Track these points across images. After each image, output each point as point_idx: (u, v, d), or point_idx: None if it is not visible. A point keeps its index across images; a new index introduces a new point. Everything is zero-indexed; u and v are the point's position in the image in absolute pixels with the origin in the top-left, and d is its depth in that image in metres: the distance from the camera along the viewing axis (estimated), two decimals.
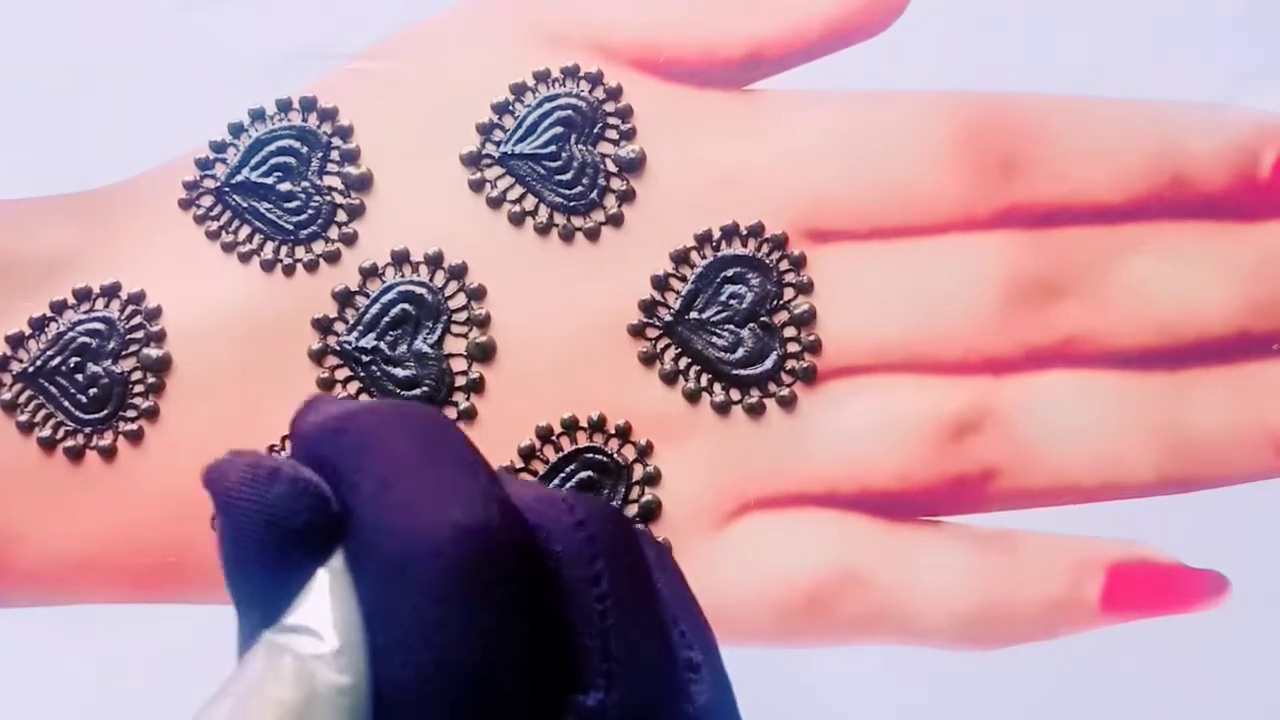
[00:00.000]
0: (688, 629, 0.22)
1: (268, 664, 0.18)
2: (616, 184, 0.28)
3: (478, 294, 0.28)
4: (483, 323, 0.28)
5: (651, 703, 0.20)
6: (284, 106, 0.29)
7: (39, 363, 0.28)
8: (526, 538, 0.19)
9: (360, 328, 0.28)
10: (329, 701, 0.18)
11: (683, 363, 0.28)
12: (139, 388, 0.28)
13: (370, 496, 0.19)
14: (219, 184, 0.28)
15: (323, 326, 0.28)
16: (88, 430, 0.27)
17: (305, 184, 0.28)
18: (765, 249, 0.28)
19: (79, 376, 0.28)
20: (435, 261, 0.28)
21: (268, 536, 0.19)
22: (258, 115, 0.29)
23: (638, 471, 0.28)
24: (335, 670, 0.18)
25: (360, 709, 0.18)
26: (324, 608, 0.19)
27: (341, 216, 0.28)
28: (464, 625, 0.18)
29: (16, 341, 0.28)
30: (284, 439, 0.27)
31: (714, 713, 0.21)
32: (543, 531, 0.20)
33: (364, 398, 0.27)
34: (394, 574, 0.18)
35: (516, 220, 0.28)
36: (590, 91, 0.29)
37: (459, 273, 0.28)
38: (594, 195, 0.28)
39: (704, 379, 0.28)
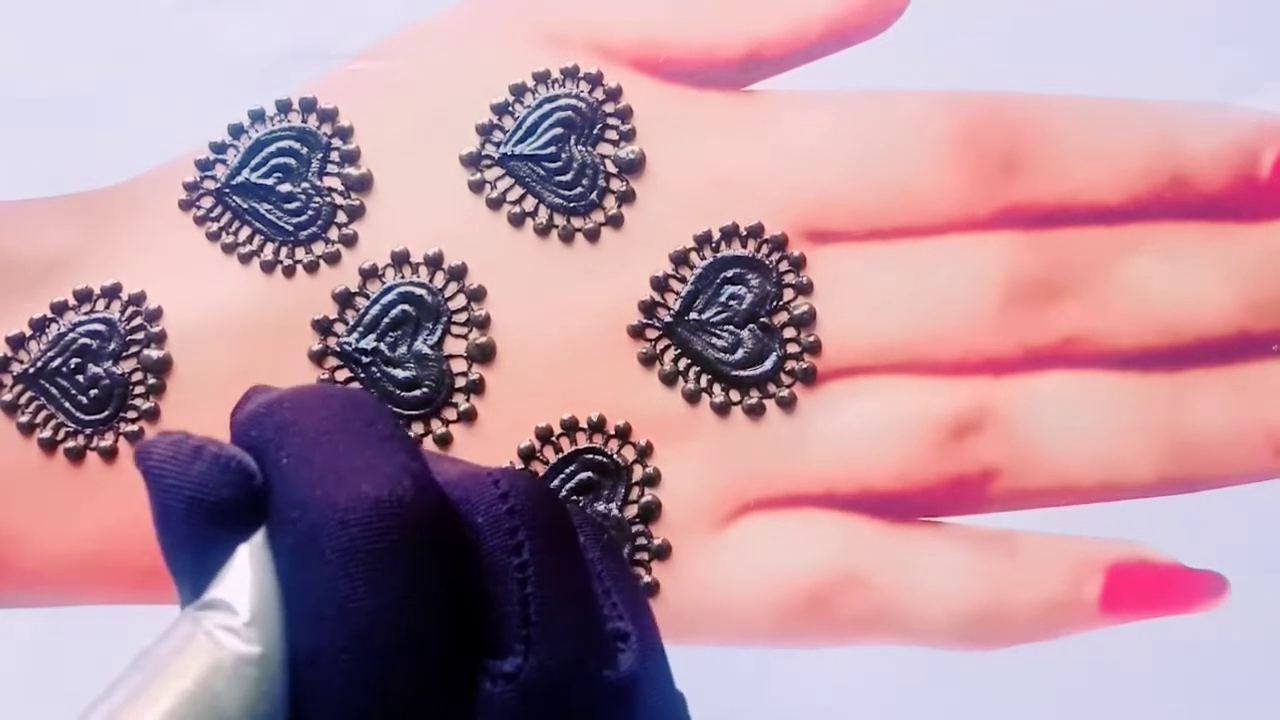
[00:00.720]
0: (620, 600, 0.22)
1: (178, 638, 0.19)
2: (616, 185, 0.29)
3: (477, 295, 0.28)
4: (482, 324, 0.28)
5: (570, 668, 0.20)
6: (284, 107, 0.29)
7: (40, 364, 0.28)
8: (440, 509, 0.20)
9: (360, 329, 0.28)
10: (235, 671, 0.18)
11: (682, 363, 0.28)
12: (139, 389, 0.28)
13: (287, 472, 0.19)
14: (219, 185, 0.28)
15: (323, 328, 0.28)
16: (88, 431, 0.28)
17: (305, 185, 0.28)
18: (765, 250, 0.28)
19: (80, 378, 0.28)
20: (435, 263, 0.28)
21: (191, 512, 0.20)
22: (257, 116, 0.29)
23: (637, 472, 0.28)
24: (244, 641, 0.18)
25: (272, 678, 0.18)
26: (242, 581, 0.19)
27: (341, 218, 0.28)
28: (373, 595, 0.18)
29: (17, 343, 0.28)
30: None
31: (639, 680, 0.21)
32: (466, 504, 0.20)
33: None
34: (305, 546, 0.19)
35: (516, 221, 0.28)
36: (590, 92, 0.29)
37: (459, 274, 0.28)
38: (594, 196, 0.28)
39: (704, 380, 0.28)
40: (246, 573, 0.19)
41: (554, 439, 0.28)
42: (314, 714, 0.18)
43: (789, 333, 0.28)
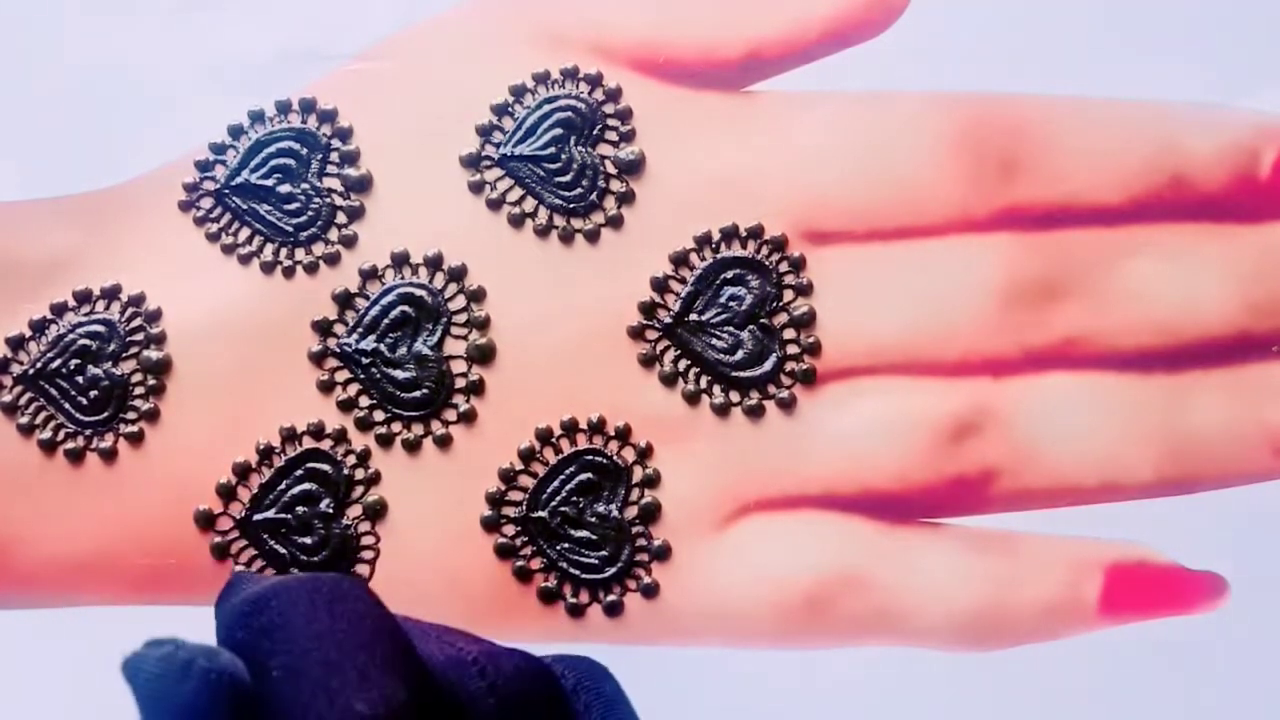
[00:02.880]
0: None
1: None
2: (616, 186, 0.28)
3: (477, 296, 0.28)
4: (482, 325, 0.28)
5: None
6: (283, 108, 0.29)
7: (39, 365, 0.28)
8: (437, 708, 0.19)
9: (360, 330, 0.28)
10: None
11: (682, 364, 0.28)
12: (139, 390, 0.28)
13: (278, 686, 0.19)
14: (219, 186, 0.28)
15: (322, 329, 0.28)
16: (88, 432, 0.28)
17: (305, 186, 0.28)
18: (765, 250, 0.28)
19: (79, 379, 0.28)
20: (435, 263, 0.28)
21: None
22: (257, 117, 0.29)
23: (637, 473, 0.28)
24: None
25: None
26: None
27: (341, 218, 0.28)
28: None
29: (17, 343, 0.28)
30: (277, 445, 0.28)
31: None
32: (457, 700, 0.20)
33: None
34: None
35: (516, 222, 0.28)
36: (590, 93, 0.29)
37: (459, 275, 0.28)
38: (593, 197, 0.28)
39: (703, 381, 0.28)
40: None
41: (554, 440, 0.28)
42: None
43: (789, 334, 0.28)
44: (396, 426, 0.28)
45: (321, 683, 0.19)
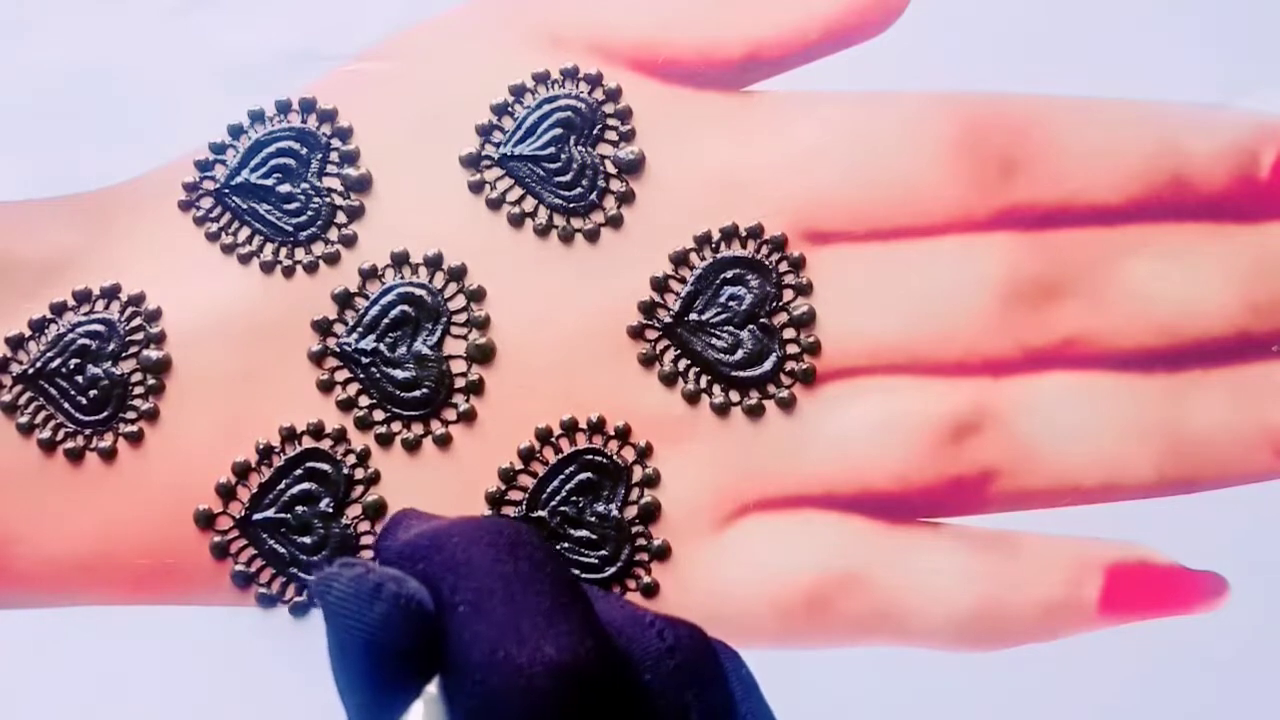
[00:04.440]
0: None
1: None
2: (616, 185, 0.28)
3: (477, 296, 0.28)
4: (482, 324, 0.28)
5: None
6: (283, 108, 0.29)
7: (39, 364, 0.28)
8: (616, 672, 0.19)
9: (360, 329, 0.28)
10: None
11: (682, 364, 0.28)
12: (139, 389, 0.28)
13: (464, 622, 0.19)
14: (219, 186, 0.28)
15: (322, 328, 0.28)
16: (88, 432, 0.28)
17: (305, 185, 0.28)
18: (764, 250, 0.28)
19: (79, 378, 0.28)
20: (435, 263, 0.28)
21: (369, 655, 0.19)
22: (257, 117, 0.29)
23: (637, 473, 0.28)
24: None
25: None
26: None
27: (341, 218, 0.28)
28: None
29: (16, 343, 0.28)
30: (279, 442, 0.28)
31: None
32: (631, 658, 0.20)
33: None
34: (486, 710, 0.18)
35: (516, 222, 0.28)
36: (589, 93, 0.29)
37: (458, 274, 0.28)
38: (593, 197, 0.28)
39: (703, 380, 0.28)
40: None
41: (554, 439, 0.28)
42: None
43: (789, 333, 0.28)
44: (396, 426, 0.28)
45: (510, 622, 0.19)
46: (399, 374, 0.28)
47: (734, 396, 0.28)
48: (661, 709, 0.20)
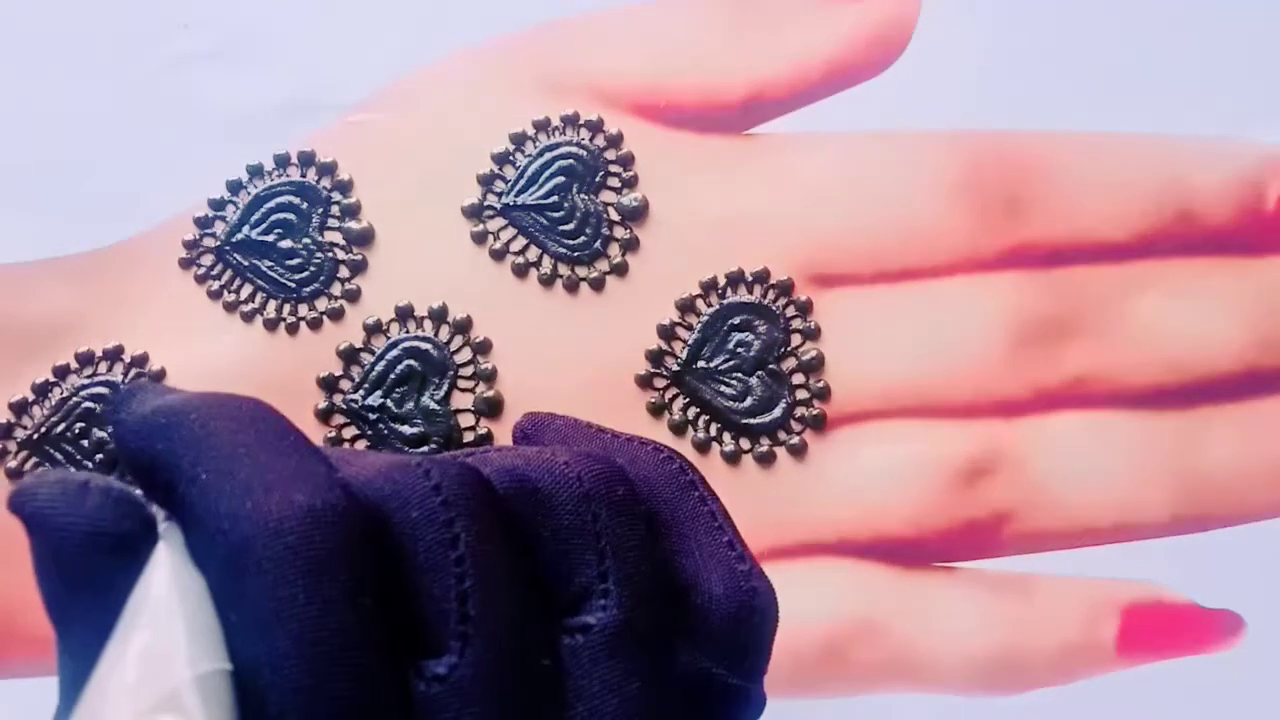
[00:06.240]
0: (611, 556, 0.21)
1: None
2: (620, 232, 0.28)
3: (483, 348, 0.28)
4: (489, 377, 0.28)
5: (507, 660, 0.19)
6: (282, 162, 0.29)
7: (44, 429, 0.27)
8: (373, 512, 0.19)
9: (366, 385, 0.28)
10: (193, 699, 0.18)
11: (691, 412, 0.28)
12: None
13: (210, 486, 0.19)
14: (219, 243, 0.28)
15: (328, 385, 0.28)
16: None
17: (306, 240, 0.28)
18: (771, 295, 0.28)
19: (84, 442, 0.27)
20: (440, 316, 0.28)
21: (89, 550, 0.19)
22: (256, 171, 0.29)
23: None
24: (190, 667, 0.18)
25: (222, 697, 0.18)
26: (168, 609, 0.18)
27: (344, 272, 0.28)
28: (313, 602, 0.18)
29: (20, 408, 0.27)
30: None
31: (595, 658, 0.20)
32: (397, 499, 0.19)
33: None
34: (238, 558, 0.18)
35: (520, 272, 0.28)
36: (591, 139, 0.29)
37: (464, 327, 0.28)
38: (597, 244, 0.28)
39: (713, 429, 0.28)
40: (169, 598, 0.18)
41: None
42: None
43: (798, 379, 0.28)
44: None
45: (256, 478, 0.18)
46: (407, 430, 0.28)
47: (744, 444, 0.28)
48: (428, 541, 0.19)
